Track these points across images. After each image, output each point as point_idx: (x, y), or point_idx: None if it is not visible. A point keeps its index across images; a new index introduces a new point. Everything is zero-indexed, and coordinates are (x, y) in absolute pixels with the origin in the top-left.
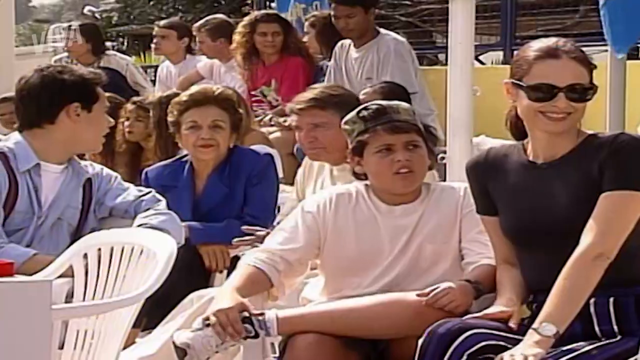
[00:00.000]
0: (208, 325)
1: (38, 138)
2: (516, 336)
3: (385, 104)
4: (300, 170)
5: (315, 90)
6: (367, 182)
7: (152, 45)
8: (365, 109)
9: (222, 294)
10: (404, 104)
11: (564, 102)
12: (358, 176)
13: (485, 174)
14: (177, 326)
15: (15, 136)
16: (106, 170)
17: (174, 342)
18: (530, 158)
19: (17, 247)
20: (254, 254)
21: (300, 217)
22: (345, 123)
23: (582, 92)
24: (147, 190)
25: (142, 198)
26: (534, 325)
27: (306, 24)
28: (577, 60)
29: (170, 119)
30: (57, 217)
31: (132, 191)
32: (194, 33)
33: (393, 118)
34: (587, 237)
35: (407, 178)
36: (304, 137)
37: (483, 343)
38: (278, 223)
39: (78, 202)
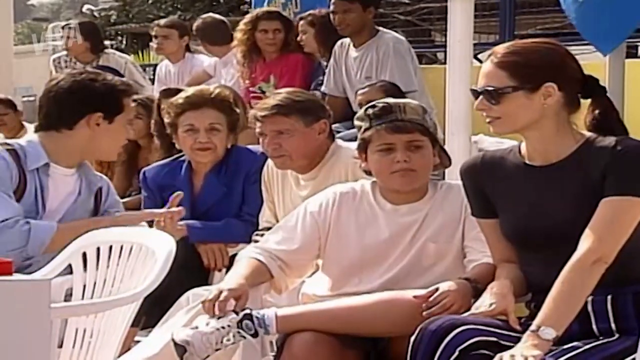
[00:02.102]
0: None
1: (53, 141)
2: (509, 332)
3: (393, 103)
4: (263, 179)
5: (278, 97)
6: (375, 179)
7: (154, 45)
8: (372, 106)
9: (228, 280)
10: (413, 103)
11: (481, 105)
12: (367, 172)
13: (481, 177)
14: (179, 325)
15: (30, 135)
16: (111, 184)
17: (173, 340)
18: (527, 161)
19: (40, 222)
20: (253, 250)
21: (301, 218)
22: (356, 119)
23: (495, 95)
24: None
25: None
26: (532, 328)
27: (302, 22)
28: (498, 65)
29: (166, 120)
30: None
31: None
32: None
33: (397, 117)
34: (585, 241)
35: (405, 177)
36: (267, 145)
37: (475, 339)
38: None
39: (87, 215)
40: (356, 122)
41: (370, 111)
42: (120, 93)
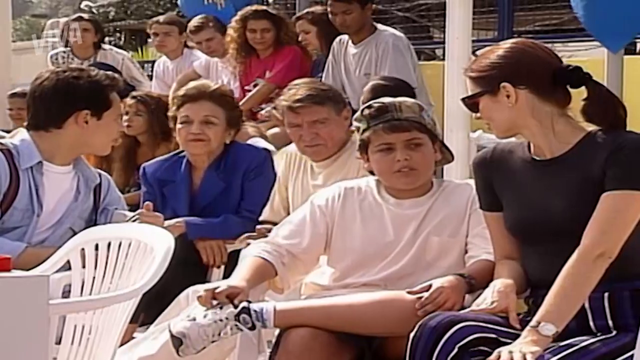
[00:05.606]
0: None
1: (45, 140)
2: (508, 329)
3: (388, 102)
4: (281, 167)
5: (307, 87)
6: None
7: (155, 42)
8: (368, 107)
9: (230, 279)
10: (409, 101)
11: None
12: (371, 172)
13: (491, 170)
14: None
15: (23, 133)
16: (112, 180)
17: (170, 331)
18: (533, 155)
19: (6, 240)
20: (259, 246)
21: (309, 211)
22: (354, 120)
23: (468, 104)
24: None
25: None
26: (533, 324)
27: (301, 22)
28: (467, 76)
29: (169, 113)
30: (69, 227)
31: None
32: (192, 30)
33: (394, 117)
34: (588, 236)
35: (408, 176)
36: (304, 134)
37: (474, 335)
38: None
39: (87, 212)
40: (354, 124)
41: (366, 112)
42: (105, 88)
